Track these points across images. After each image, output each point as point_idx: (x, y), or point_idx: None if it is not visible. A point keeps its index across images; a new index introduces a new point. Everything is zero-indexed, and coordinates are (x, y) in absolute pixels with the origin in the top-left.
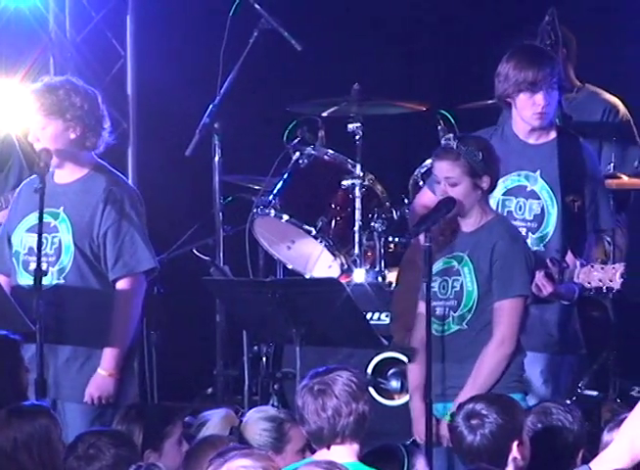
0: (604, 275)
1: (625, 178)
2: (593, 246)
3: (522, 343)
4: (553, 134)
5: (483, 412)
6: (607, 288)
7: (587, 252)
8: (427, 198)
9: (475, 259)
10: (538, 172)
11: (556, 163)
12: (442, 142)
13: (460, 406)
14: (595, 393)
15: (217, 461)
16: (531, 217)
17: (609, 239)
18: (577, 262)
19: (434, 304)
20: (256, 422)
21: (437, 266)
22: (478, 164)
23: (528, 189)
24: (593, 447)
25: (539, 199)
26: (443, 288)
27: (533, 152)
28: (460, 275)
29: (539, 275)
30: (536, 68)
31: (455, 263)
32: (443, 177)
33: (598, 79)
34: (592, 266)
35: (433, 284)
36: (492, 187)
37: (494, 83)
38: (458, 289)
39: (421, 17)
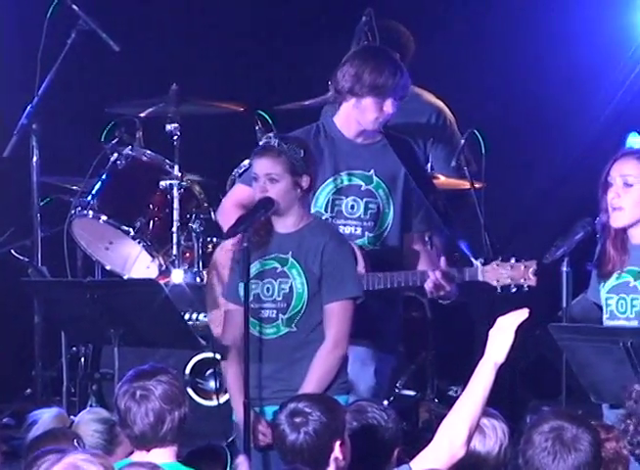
0: (514, 273)
1: (443, 179)
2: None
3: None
4: (379, 135)
5: (307, 410)
6: (517, 285)
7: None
8: (240, 193)
9: (302, 261)
10: (372, 171)
11: (390, 161)
12: (263, 140)
13: (283, 405)
14: (413, 392)
15: (54, 457)
16: (368, 216)
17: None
18: (478, 262)
19: (257, 306)
20: (88, 423)
21: (255, 268)
22: (299, 162)
23: (363, 188)
24: (412, 447)
25: (376, 198)
26: (267, 290)
27: (365, 151)
28: (289, 277)
29: (438, 275)
30: (397, 76)
31: (278, 265)
32: (264, 174)
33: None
34: (497, 264)
35: (255, 287)
36: (310, 188)
37: (336, 75)
38: (287, 291)
39: (239, 17)
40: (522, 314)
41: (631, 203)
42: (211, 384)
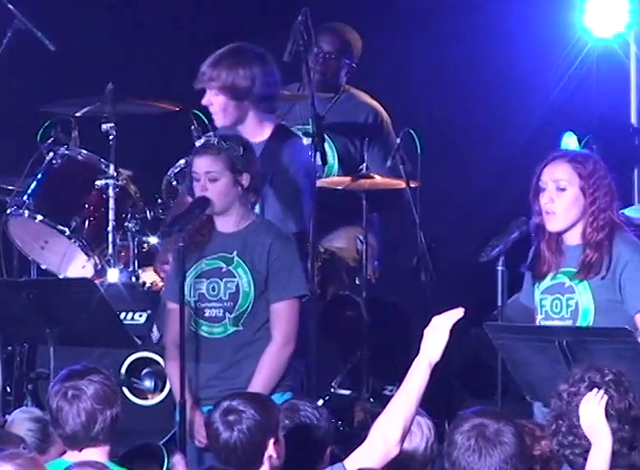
0: None
1: (378, 178)
2: None
3: None
4: (267, 133)
5: (241, 408)
6: None
7: None
8: None
9: (248, 260)
10: None
11: (272, 161)
12: (203, 139)
13: (217, 403)
14: (348, 392)
15: None
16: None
17: (361, 237)
18: None
19: (202, 305)
20: (22, 422)
21: (199, 267)
22: (238, 160)
23: None
24: (347, 446)
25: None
26: (213, 289)
27: (256, 149)
28: (235, 276)
29: None
30: (209, 66)
31: (223, 264)
32: (204, 172)
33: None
34: None
35: (200, 286)
36: (251, 186)
37: None
38: (234, 290)
39: (175, 16)
40: (457, 314)
41: (565, 207)
42: (147, 383)
